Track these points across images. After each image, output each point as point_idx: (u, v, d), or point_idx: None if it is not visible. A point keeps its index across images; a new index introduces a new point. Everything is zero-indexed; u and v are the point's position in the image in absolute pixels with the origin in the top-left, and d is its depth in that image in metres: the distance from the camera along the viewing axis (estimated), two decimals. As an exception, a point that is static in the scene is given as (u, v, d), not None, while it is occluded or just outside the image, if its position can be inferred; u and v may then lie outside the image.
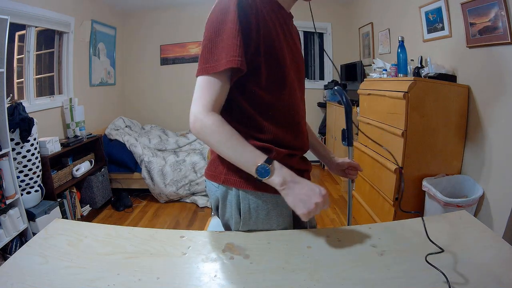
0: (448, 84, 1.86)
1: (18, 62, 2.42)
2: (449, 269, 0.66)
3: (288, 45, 0.79)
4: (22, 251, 0.75)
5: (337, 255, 0.74)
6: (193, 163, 2.93)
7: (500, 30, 1.59)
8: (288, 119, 0.80)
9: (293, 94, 0.80)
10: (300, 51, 0.89)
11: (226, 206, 0.82)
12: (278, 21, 0.77)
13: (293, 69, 0.79)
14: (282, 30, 0.77)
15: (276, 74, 0.75)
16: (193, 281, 0.66)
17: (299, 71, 0.84)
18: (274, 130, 0.77)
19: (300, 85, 0.85)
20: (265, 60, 0.72)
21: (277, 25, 0.76)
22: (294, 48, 0.82)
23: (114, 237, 0.81)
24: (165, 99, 4.07)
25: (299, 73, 0.84)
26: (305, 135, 0.88)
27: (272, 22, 0.74)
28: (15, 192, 1.83)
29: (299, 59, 0.85)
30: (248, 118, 0.76)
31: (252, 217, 0.80)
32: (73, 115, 2.69)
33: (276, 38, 0.73)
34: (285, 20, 0.81)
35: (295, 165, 0.81)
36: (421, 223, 0.76)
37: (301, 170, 0.85)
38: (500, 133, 1.67)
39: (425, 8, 2.23)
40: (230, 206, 0.81)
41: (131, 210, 2.83)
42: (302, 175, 0.75)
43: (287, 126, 0.80)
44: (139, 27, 3.93)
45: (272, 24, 0.73)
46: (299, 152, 0.85)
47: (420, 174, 1.87)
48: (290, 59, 0.78)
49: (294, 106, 0.81)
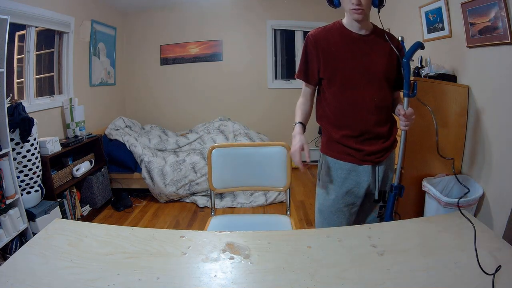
0: (448, 84, 1.86)
1: (18, 62, 2.42)
2: (449, 269, 0.66)
3: (353, 56, 1.13)
4: (22, 251, 0.75)
5: (337, 255, 0.74)
6: (193, 163, 2.93)
7: (500, 30, 1.59)
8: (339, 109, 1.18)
9: (348, 92, 1.15)
10: (374, 58, 1.14)
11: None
12: (342, 42, 1.14)
13: (355, 73, 1.13)
14: (346, 47, 1.14)
15: (330, 78, 1.16)
16: (193, 281, 0.66)
17: (364, 73, 1.13)
18: (330, 115, 1.20)
19: (369, 83, 1.14)
20: (324, 71, 1.16)
21: (340, 45, 1.14)
22: (363, 57, 1.13)
23: (114, 237, 0.82)
24: (165, 99, 4.07)
25: (364, 75, 1.13)
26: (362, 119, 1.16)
27: (334, 45, 1.14)
28: (15, 192, 1.83)
29: (368, 64, 1.13)
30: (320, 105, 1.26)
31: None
32: (73, 115, 2.68)
33: (331, 55, 1.14)
34: (352, 39, 1.14)
35: (349, 143, 1.18)
36: (421, 223, 0.76)
37: (346, 145, 1.18)
38: (500, 133, 1.67)
39: (425, 8, 2.23)
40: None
41: (131, 210, 2.83)
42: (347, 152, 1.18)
43: (339, 113, 1.18)
44: (139, 27, 3.92)
45: (331, 46, 1.14)
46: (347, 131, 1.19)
47: (420, 174, 1.87)
48: (350, 67, 1.13)
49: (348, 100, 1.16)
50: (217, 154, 1.54)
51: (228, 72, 3.95)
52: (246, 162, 1.54)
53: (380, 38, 1.15)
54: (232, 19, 3.87)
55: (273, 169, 1.52)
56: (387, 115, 1.20)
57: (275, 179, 1.53)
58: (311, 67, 1.19)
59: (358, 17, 1.08)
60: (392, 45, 1.14)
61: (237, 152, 1.57)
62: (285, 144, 1.49)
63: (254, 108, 4.02)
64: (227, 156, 1.54)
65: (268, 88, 4.00)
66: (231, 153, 1.56)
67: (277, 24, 3.89)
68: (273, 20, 3.87)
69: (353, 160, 1.18)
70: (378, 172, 1.20)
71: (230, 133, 3.47)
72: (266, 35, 3.89)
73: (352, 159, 1.18)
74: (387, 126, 1.20)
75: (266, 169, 1.53)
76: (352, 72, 1.13)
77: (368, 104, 1.14)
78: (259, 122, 3.95)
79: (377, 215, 1.25)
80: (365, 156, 1.17)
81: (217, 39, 3.89)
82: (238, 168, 1.55)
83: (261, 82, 3.99)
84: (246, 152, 1.56)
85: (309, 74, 1.20)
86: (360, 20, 1.10)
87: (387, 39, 1.14)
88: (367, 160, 1.17)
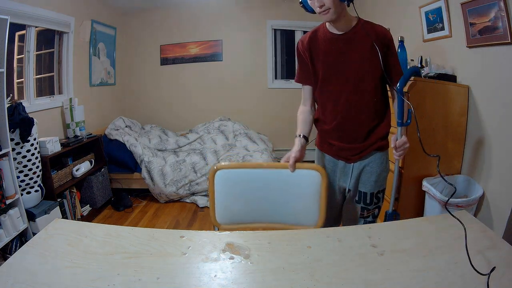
0: (448, 84, 1.86)
1: (18, 62, 2.42)
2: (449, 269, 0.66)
3: (330, 55, 1.15)
4: (22, 251, 0.75)
5: (337, 255, 0.74)
6: (193, 163, 2.93)
7: (500, 30, 1.59)
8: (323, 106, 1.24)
9: (326, 89, 1.20)
10: (351, 57, 1.13)
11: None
12: (323, 43, 1.16)
13: (332, 72, 1.16)
14: (326, 48, 1.16)
15: (315, 78, 1.21)
16: (193, 281, 0.66)
17: (340, 72, 1.15)
18: (316, 109, 1.30)
19: (346, 81, 1.15)
20: (312, 72, 1.21)
21: (321, 46, 1.16)
22: (339, 56, 1.14)
23: (114, 237, 0.82)
24: (165, 99, 4.07)
25: (340, 73, 1.15)
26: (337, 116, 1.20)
27: (318, 46, 1.17)
28: (15, 192, 1.83)
29: (344, 63, 1.14)
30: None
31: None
32: (73, 115, 2.68)
33: (316, 56, 1.18)
34: (331, 40, 1.15)
35: (327, 137, 1.27)
36: (421, 223, 0.77)
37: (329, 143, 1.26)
38: (500, 133, 1.67)
39: (425, 8, 2.23)
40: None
41: (131, 210, 2.83)
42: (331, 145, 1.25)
43: (320, 109, 1.26)
44: (139, 27, 3.92)
45: (317, 48, 1.17)
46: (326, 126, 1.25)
47: (420, 174, 1.87)
48: (327, 66, 1.16)
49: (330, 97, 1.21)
50: (223, 177, 1.11)
51: (228, 72, 3.95)
52: (264, 189, 1.12)
53: (362, 34, 1.11)
54: (232, 19, 3.87)
55: (301, 200, 1.11)
56: (365, 116, 1.17)
57: (303, 214, 1.12)
58: (305, 69, 1.24)
59: (327, 18, 1.07)
60: (374, 39, 1.09)
61: (250, 175, 1.13)
62: (319, 167, 1.11)
63: (254, 108, 4.02)
64: (236, 180, 1.12)
65: (268, 88, 4.00)
66: (243, 176, 1.13)
67: (277, 24, 3.89)
68: (273, 20, 3.87)
69: (329, 153, 1.28)
70: (352, 170, 1.23)
71: (230, 133, 3.47)
72: (266, 35, 3.89)
73: (329, 152, 1.27)
74: (364, 127, 1.18)
75: (291, 199, 1.11)
76: (329, 71, 1.16)
77: (342, 103, 1.17)
78: (259, 122, 3.95)
79: (359, 215, 1.26)
80: (338, 151, 1.24)
81: (217, 39, 3.89)
82: (251, 197, 1.12)
83: (261, 82, 3.99)
84: (264, 176, 1.13)
85: (305, 77, 1.26)
86: (333, 20, 1.08)
87: (369, 34, 1.10)
88: (340, 156, 1.24)
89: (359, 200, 1.25)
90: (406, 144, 1.11)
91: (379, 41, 1.10)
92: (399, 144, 1.11)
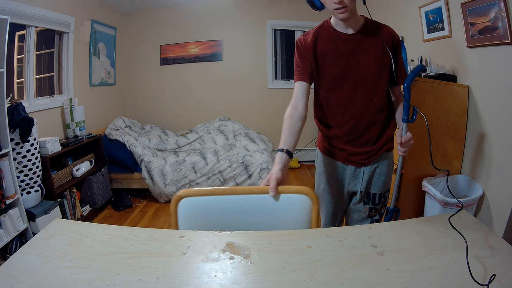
0: (448, 84, 1.86)
1: (18, 62, 2.42)
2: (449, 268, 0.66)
3: (341, 57, 1.10)
4: (22, 251, 0.75)
5: (337, 255, 0.74)
6: (193, 163, 2.93)
7: (500, 30, 1.59)
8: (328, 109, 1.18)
9: (335, 93, 1.15)
10: (363, 58, 1.10)
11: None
12: (331, 43, 1.11)
13: (344, 75, 1.11)
14: (335, 48, 1.10)
15: (320, 79, 1.15)
16: (193, 281, 0.66)
17: (352, 75, 1.11)
18: (320, 114, 1.23)
19: (359, 84, 1.11)
20: (315, 73, 1.15)
21: (329, 46, 1.11)
22: (351, 58, 1.10)
23: (114, 237, 0.81)
24: (165, 99, 4.07)
25: (352, 76, 1.11)
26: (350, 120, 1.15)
27: (325, 46, 1.11)
28: (15, 192, 1.83)
29: (356, 66, 1.10)
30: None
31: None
32: (73, 115, 2.68)
33: (323, 57, 1.12)
34: (341, 40, 1.10)
35: (336, 142, 1.21)
36: (421, 223, 0.76)
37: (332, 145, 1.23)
38: (500, 133, 1.67)
39: (425, 8, 2.23)
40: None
41: (131, 210, 2.83)
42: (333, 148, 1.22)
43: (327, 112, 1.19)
44: (139, 27, 3.92)
45: (324, 48, 1.11)
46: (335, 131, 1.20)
47: (420, 174, 1.87)
48: (339, 68, 1.11)
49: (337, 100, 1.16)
50: (187, 208, 0.89)
51: (228, 72, 3.95)
52: (240, 220, 0.90)
53: (372, 34, 1.09)
54: (232, 19, 3.87)
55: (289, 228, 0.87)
56: (377, 118, 1.15)
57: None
58: (307, 64, 1.15)
59: (343, 16, 1.01)
60: (384, 41, 1.08)
61: (225, 203, 0.90)
62: (309, 190, 0.92)
63: (254, 108, 4.02)
64: (206, 209, 0.90)
65: (268, 88, 4.00)
66: (214, 204, 0.90)
67: (277, 24, 3.89)
68: (273, 20, 3.87)
69: (338, 159, 1.22)
70: (363, 173, 1.20)
71: (230, 133, 3.47)
72: (266, 35, 3.89)
73: (338, 157, 1.22)
74: (377, 129, 1.17)
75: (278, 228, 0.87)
76: (340, 74, 1.11)
77: (355, 106, 1.12)
78: (259, 122, 3.95)
79: (367, 215, 1.26)
80: (349, 156, 1.19)
81: (217, 39, 3.89)
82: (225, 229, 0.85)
83: (261, 82, 3.99)
84: (243, 203, 0.90)
85: (306, 73, 1.16)
86: (346, 19, 1.03)
87: (378, 34, 1.08)
88: (351, 161, 1.20)
89: (367, 201, 1.24)
90: (411, 140, 1.11)
91: (388, 42, 1.09)
92: (405, 140, 1.10)
